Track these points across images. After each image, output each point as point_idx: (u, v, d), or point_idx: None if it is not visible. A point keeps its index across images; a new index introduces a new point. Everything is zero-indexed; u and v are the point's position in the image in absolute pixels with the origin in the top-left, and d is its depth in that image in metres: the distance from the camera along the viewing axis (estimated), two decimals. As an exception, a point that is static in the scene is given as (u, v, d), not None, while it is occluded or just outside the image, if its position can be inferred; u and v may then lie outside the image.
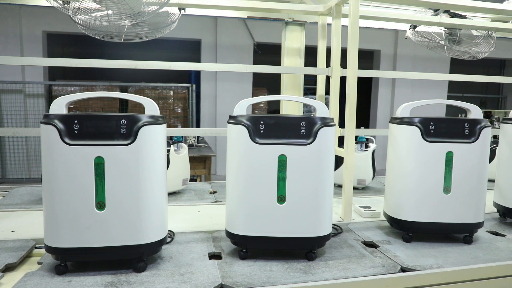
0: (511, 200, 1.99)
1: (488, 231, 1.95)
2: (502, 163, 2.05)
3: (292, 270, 1.45)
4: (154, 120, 1.41)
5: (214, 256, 1.58)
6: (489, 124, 1.74)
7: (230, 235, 1.56)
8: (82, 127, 1.33)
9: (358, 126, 2.55)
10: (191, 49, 8.34)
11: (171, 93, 6.88)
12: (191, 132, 3.91)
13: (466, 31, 2.94)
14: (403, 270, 1.47)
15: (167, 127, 1.53)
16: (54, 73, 8.12)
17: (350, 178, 2.01)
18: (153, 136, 1.40)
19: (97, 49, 9.13)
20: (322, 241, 1.55)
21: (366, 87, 9.19)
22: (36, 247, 1.62)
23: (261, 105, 7.77)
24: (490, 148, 2.65)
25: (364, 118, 9.19)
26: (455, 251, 1.67)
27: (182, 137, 4.79)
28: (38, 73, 6.83)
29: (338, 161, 2.26)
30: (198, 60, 7.63)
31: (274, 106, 8.41)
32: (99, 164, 1.34)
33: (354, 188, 2.73)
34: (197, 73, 7.82)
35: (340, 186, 2.08)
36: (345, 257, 1.57)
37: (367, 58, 8.93)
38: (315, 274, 1.41)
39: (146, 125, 1.38)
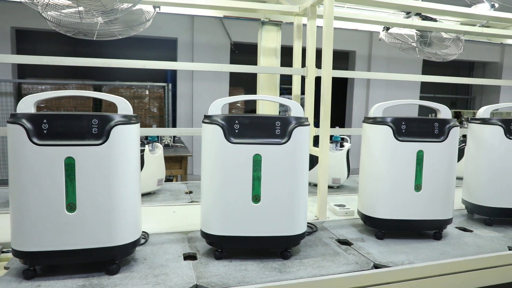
0: (479, 197, 2.07)
1: (456, 227, 2.02)
2: (470, 162, 2.12)
3: (268, 269, 1.45)
4: (127, 120, 1.39)
5: (189, 256, 1.57)
6: (457, 123, 1.80)
7: (205, 235, 1.55)
8: (52, 126, 1.30)
9: (333, 126, 2.59)
10: (167, 48, 8.23)
11: (147, 92, 6.77)
12: (165, 132, 3.86)
13: (437, 34, 3.03)
14: (376, 266, 1.50)
15: (142, 126, 1.51)
16: (23, 71, 7.85)
17: (325, 177, 2.03)
18: (126, 136, 1.38)
19: (69, 47, 8.88)
20: (297, 240, 1.57)
21: (341, 87, 9.33)
22: (2, 251, 1.56)
23: (238, 104, 7.76)
24: (459, 147, 2.74)
25: (339, 118, 9.33)
26: (426, 247, 1.72)
27: (158, 137, 4.73)
28: (6, 70, 6.58)
29: (314, 160, 2.29)
30: (174, 59, 7.54)
31: (251, 106, 8.42)
32: (70, 165, 1.30)
33: (329, 187, 2.77)
34: (173, 72, 7.73)
35: (316, 185, 2.10)
36: (319, 255, 1.59)
37: (343, 59, 9.06)
38: (290, 272, 1.43)
39: (119, 125, 1.35)
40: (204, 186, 1.54)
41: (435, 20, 2.91)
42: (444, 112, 1.85)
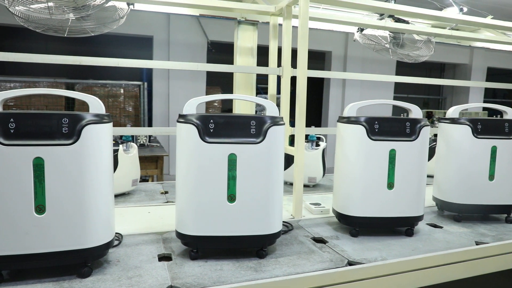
0: (448, 194, 2.13)
1: (427, 224, 2.08)
2: (440, 160, 2.19)
3: (243, 268, 1.45)
4: (99, 119, 1.36)
5: (164, 257, 1.55)
6: (428, 123, 1.85)
7: (180, 235, 1.53)
8: (19, 126, 1.25)
9: (309, 125, 2.61)
10: (143, 46, 8.10)
11: (122, 91, 6.64)
12: (140, 131, 3.79)
13: (409, 36, 3.11)
14: (350, 263, 1.53)
15: (117, 126, 1.47)
16: (-9, 68, 7.56)
17: (301, 176, 2.05)
18: (98, 136, 1.35)
19: (40, 44, 8.61)
20: (272, 239, 1.58)
21: (318, 87, 9.44)
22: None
23: (215, 104, 7.72)
24: (430, 146, 2.82)
25: (316, 118, 9.44)
26: (398, 244, 1.77)
27: (133, 136, 4.65)
28: (-28, 68, 6.32)
29: (290, 160, 2.30)
30: (150, 57, 7.43)
31: (228, 105, 8.39)
32: (39, 165, 1.26)
33: (305, 186, 2.80)
34: (149, 71, 7.62)
35: (292, 184, 2.11)
36: (295, 253, 1.61)
37: (319, 59, 9.16)
38: (266, 271, 1.43)
39: (90, 124, 1.32)
40: (179, 186, 1.53)
41: (407, 22, 2.99)
42: (415, 112, 1.90)
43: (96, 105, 1.41)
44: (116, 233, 1.65)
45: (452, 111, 2.13)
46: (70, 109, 6.26)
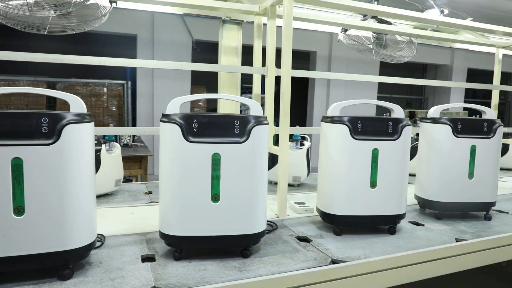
0: (430, 193, 2.17)
1: (409, 222, 2.11)
2: (422, 159, 2.23)
3: (227, 268, 1.45)
4: (80, 118, 1.34)
5: (148, 258, 1.53)
6: (409, 123, 1.88)
7: (164, 236, 1.52)
8: (-3, 125, 1.22)
9: (293, 125, 2.62)
10: (126, 45, 8.00)
11: (105, 90, 6.55)
12: (123, 131, 3.74)
13: (392, 37, 3.15)
14: (333, 262, 1.54)
15: (100, 125, 1.45)
16: (-31, 66, 7.35)
17: (285, 176, 2.05)
18: (79, 135, 1.32)
19: (21, 41, 8.41)
20: (256, 238, 1.58)
21: (303, 87, 9.50)
22: None
23: (200, 103, 7.69)
24: (412, 145, 2.87)
25: (301, 117, 9.49)
26: (381, 242, 1.79)
27: (116, 136, 4.59)
28: (-52, 65, 6.13)
29: (275, 159, 2.31)
30: (134, 56, 7.35)
31: (213, 105, 8.37)
32: (17, 166, 1.23)
33: (290, 185, 2.81)
34: (133, 70, 7.54)
35: (277, 183, 2.12)
36: (279, 252, 1.61)
37: (304, 59, 9.22)
38: (250, 271, 1.43)
39: (71, 124, 1.30)
40: (162, 186, 1.51)
41: (390, 23, 3.03)
42: (398, 111, 1.92)
43: (77, 104, 1.39)
44: (98, 234, 1.62)
45: (433, 111, 2.17)
46: (52, 108, 6.15)
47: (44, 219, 1.27)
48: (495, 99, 3.60)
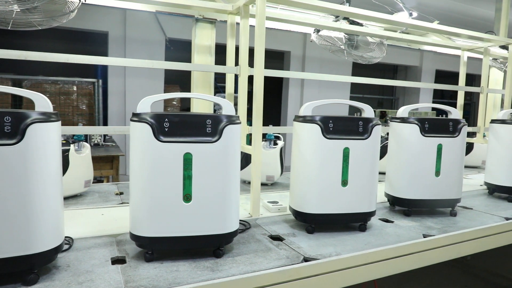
0: (399, 190, 2.23)
1: (380, 219, 2.16)
2: (391, 157, 2.29)
3: (200, 268, 1.44)
4: (46, 117, 1.29)
5: (118, 260, 1.50)
6: (379, 122, 1.92)
7: (134, 237, 1.49)
8: (-46, 124, 1.16)
9: (267, 124, 2.63)
10: (97, 42, 7.80)
11: (75, 88, 6.36)
12: (92, 130, 3.64)
13: (363, 38, 3.22)
14: (306, 260, 1.56)
15: (70, 124, 1.41)
16: None
17: (258, 175, 2.06)
18: (44, 135, 1.28)
19: (-16, 37, 8.04)
20: (229, 238, 1.57)
21: (277, 86, 9.55)
22: None
23: (174, 102, 7.60)
24: (383, 144, 2.94)
25: (275, 117, 9.54)
26: (352, 239, 1.82)
27: (86, 136, 4.47)
28: None
29: (248, 159, 2.31)
30: (105, 54, 7.17)
31: (187, 104, 8.28)
32: (-23, 167, 1.18)
33: (263, 184, 2.83)
34: (104, 68, 7.35)
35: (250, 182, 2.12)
36: (252, 251, 1.62)
37: (278, 59, 9.27)
38: (222, 270, 1.43)
39: (36, 123, 1.25)
40: (133, 186, 1.48)
41: (361, 25, 3.09)
42: (368, 111, 1.96)
43: (42, 103, 1.34)
44: (66, 237, 1.58)
45: (402, 111, 2.23)
46: (18, 107, 5.91)
47: (7, 222, 1.22)
48: (460, 99, 3.74)
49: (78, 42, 8.63)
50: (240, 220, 1.75)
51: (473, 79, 11.40)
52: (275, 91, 9.69)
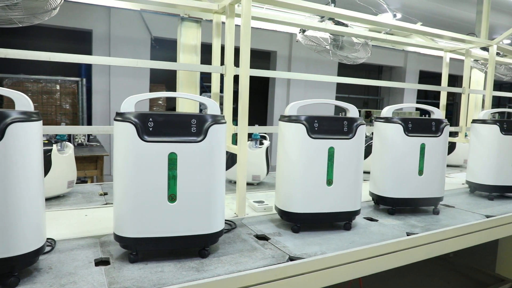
0: (383, 189, 2.26)
1: (364, 218, 2.18)
2: (375, 157, 2.32)
3: (185, 269, 1.43)
4: (26, 117, 1.27)
5: (101, 262, 1.48)
6: (363, 122, 1.94)
7: (118, 238, 1.48)
8: None
9: (253, 124, 2.63)
10: (81, 40, 7.68)
11: (58, 87, 6.24)
12: (76, 130, 3.58)
13: (348, 38, 3.25)
14: (291, 259, 1.57)
15: (53, 124, 1.38)
16: None
17: (244, 175, 2.06)
18: (25, 135, 1.25)
19: (-38, 34, 7.84)
20: (215, 238, 1.57)
21: (264, 86, 9.56)
22: None
23: (160, 102, 7.54)
24: (368, 144, 2.97)
25: (262, 116, 9.55)
26: (337, 238, 1.84)
27: (69, 135, 4.40)
28: None
29: (234, 158, 2.31)
30: (89, 52, 7.06)
31: (173, 104, 8.22)
32: (-46, 168, 1.15)
33: (249, 184, 2.83)
34: (88, 67, 7.24)
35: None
36: (237, 251, 1.61)
37: (265, 58, 9.28)
38: (208, 271, 1.42)
39: (16, 122, 1.22)
40: (117, 187, 1.47)
41: (346, 25, 3.12)
42: (353, 111, 1.98)
43: (22, 102, 1.31)
44: (48, 238, 1.55)
45: (386, 111, 2.26)
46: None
47: (-14, 224, 1.19)
48: (443, 100, 3.80)
49: (61, 40, 8.48)
50: (225, 220, 1.75)
51: (456, 80, 11.61)
52: (261, 91, 9.71)
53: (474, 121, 2.78)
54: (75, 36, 7.75)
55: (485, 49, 3.90)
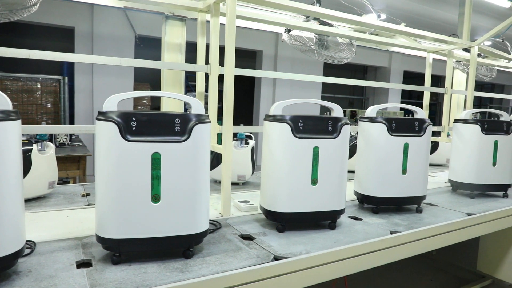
0: (367, 188, 2.28)
1: (349, 216, 2.20)
2: (360, 156, 2.33)
3: (169, 270, 1.42)
4: (4, 116, 1.23)
5: (83, 264, 1.45)
6: (348, 121, 1.95)
7: (101, 239, 1.45)
8: None
9: (239, 123, 2.62)
10: (63, 38, 7.54)
11: (39, 85, 6.11)
12: (56, 130, 3.50)
13: (333, 38, 3.26)
14: (276, 258, 1.56)
15: (33, 123, 1.35)
16: None
17: (228, 174, 2.05)
18: (2, 134, 1.22)
19: None
20: (199, 238, 1.55)
21: (249, 86, 9.56)
22: None
23: (144, 101, 7.45)
24: (353, 143, 3.00)
25: (248, 116, 9.54)
26: (321, 237, 1.85)
27: (51, 135, 4.30)
28: None
29: (220, 158, 2.29)
30: (71, 50, 6.93)
31: (158, 103, 8.14)
32: None
33: (235, 184, 2.82)
34: (70, 65, 7.11)
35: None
36: (222, 251, 1.60)
37: (251, 58, 9.28)
38: (192, 271, 1.41)
39: (-8, 122, 1.19)
40: (99, 187, 1.44)
41: (331, 25, 3.14)
42: (337, 111, 1.99)
43: (1, 101, 1.27)
44: (27, 240, 1.52)
45: (370, 111, 2.28)
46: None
47: (-39, 226, 1.16)
48: (426, 100, 3.86)
49: (42, 38, 8.30)
50: (210, 220, 1.74)
51: (439, 80, 11.82)
52: (247, 90, 9.70)
53: (456, 121, 2.83)
54: (56, 34, 7.59)
55: (467, 50, 3.98)
